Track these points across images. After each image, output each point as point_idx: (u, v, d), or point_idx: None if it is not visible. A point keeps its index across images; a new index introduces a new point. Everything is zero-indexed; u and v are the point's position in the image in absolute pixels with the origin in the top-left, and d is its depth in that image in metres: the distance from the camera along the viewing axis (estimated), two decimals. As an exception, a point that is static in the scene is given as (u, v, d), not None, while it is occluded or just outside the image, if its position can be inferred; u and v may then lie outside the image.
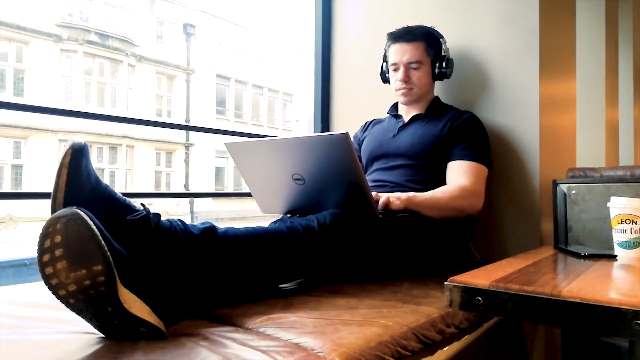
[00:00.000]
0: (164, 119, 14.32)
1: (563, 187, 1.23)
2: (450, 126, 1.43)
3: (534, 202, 1.45)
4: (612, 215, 0.96)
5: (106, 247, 0.67)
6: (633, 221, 0.92)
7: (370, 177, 1.50)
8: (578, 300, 0.62)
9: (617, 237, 0.95)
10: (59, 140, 11.98)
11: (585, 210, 1.19)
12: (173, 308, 0.82)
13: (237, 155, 1.21)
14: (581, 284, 0.68)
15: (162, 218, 0.84)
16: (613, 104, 2.76)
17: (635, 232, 0.93)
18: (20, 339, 0.72)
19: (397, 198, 1.20)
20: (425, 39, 1.48)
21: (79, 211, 0.67)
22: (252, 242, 0.93)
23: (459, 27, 1.60)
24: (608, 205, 0.98)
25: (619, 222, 0.94)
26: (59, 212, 0.67)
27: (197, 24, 15.19)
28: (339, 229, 1.03)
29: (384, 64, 1.60)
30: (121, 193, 0.84)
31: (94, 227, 0.67)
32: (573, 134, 1.77)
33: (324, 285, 1.05)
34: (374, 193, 1.19)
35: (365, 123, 1.69)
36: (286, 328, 0.76)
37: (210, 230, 0.88)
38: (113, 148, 13.32)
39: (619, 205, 0.95)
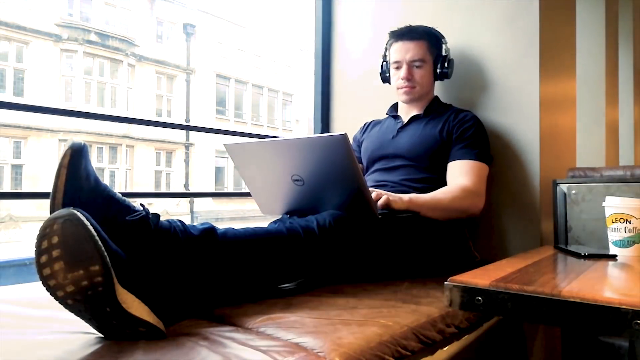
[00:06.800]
0: (164, 118, 14.32)
1: (563, 187, 1.23)
2: (448, 126, 1.42)
3: (534, 202, 1.44)
4: (607, 214, 0.97)
5: (103, 248, 0.67)
6: (627, 220, 0.93)
7: (370, 178, 1.50)
8: (578, 300, 0.62)
9: (612, 235, 0.97)
10: (59, 140, 11.98)
11: (585, 210, 1.19)
12: (172, 308, 0.82)
13: (237, 156, 1.21)
14: (581, 284, 0.68)
15: (162, 218, 0.84)
16: (613, 104, 2.75)
17: (629, 230, 0.94)
18: (20, 339, 0.72)
19: (398, 198, 1.20)
20: (428, 38, 1.48)
21: (75, 212, 0.67)
22: (252, 243, 0.93)
23: (459, 27, 1.60)
24: (603, 205, 0.98)
25: (614, 221, 0.95)
26: (56, 213, 0.67)
27: (197, 24, 15.19)
28: (338, 230, 1.03)
29: (384, 63, 1.60)
30: (121, 193, 0.84)
31: (90, 227, 0.67)
32: (573, 134, 1.77)
33: (324, 285, 1.05)
34: (375, 192, 1.19)
35: (365, 124, 1.69)
36: (286, 328, 0.76)
37: (209, 231, 0.88)
38: (113, 148, 13.32)
39: (613, 204, 0.96)
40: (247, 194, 1.36)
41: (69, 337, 0.74)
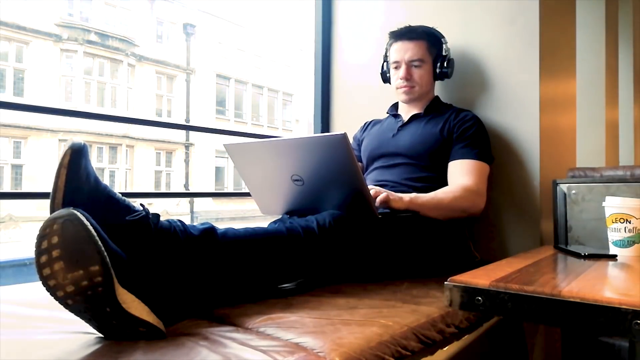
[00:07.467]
0: (164, 118, 14.32)
1: (563, 187, 1.23)
2: (449, 125, 1.43)
3: (534, 202, 1.44)
4: (606, 214, 0.97)
5: (103, 248, 0.67)
6: (627, 220, 0.93)
7: (370, 176, 1.50)
8: (578, 300, 0.62)
9: (612, 235, 0.97)
10: (59, 140, 11.98)
11: (585, 210, 1.18)
12: (172, 308, 0.82)
13: (236, 156, 1.21)
14: (581, 284, 0.68)
15: (162, 218, 0.84)
16: (613, 104, 2.75)
17: (629, 230, 0.94)
18: (20, 339, 0.72)
19: (399, 198, 1.20)
20: (428, 38, 1.48)
21: (75, 212, 0.67)
22: (252, 243, 0.93)
23: (459, 27, 1.60)
24: (603, 205, 0.98)
25: (614, 221, 0.95)
26: (55, 213, 0.67)
27: (197, 24, 15.19)
28: (338, 230, 1.03)
29: (385, 63, 1.60)
30: (121, 193, 0.84)
31: (90, 227, 0.67)
32: (573, 134, 1.77)
33: (324, 286, 1.05)
34: (374, 189, 1.19)
35: (365, 123, 1.69)
36: (286, 328, 0.76)
37: (209, 231, 0.88)
38: (113, 148, 13.32)
39: (613, 204, 0.96)
40: (247, 194, 1.36)
41: (69, 337, 0.74)
